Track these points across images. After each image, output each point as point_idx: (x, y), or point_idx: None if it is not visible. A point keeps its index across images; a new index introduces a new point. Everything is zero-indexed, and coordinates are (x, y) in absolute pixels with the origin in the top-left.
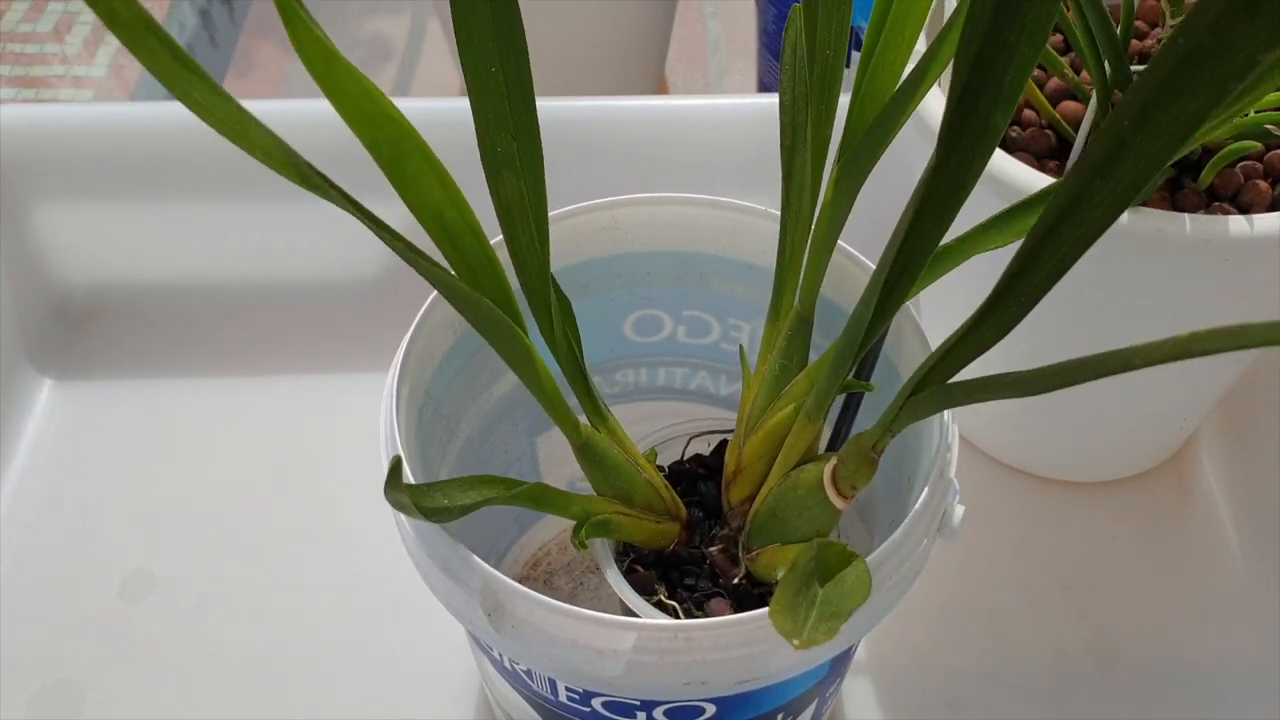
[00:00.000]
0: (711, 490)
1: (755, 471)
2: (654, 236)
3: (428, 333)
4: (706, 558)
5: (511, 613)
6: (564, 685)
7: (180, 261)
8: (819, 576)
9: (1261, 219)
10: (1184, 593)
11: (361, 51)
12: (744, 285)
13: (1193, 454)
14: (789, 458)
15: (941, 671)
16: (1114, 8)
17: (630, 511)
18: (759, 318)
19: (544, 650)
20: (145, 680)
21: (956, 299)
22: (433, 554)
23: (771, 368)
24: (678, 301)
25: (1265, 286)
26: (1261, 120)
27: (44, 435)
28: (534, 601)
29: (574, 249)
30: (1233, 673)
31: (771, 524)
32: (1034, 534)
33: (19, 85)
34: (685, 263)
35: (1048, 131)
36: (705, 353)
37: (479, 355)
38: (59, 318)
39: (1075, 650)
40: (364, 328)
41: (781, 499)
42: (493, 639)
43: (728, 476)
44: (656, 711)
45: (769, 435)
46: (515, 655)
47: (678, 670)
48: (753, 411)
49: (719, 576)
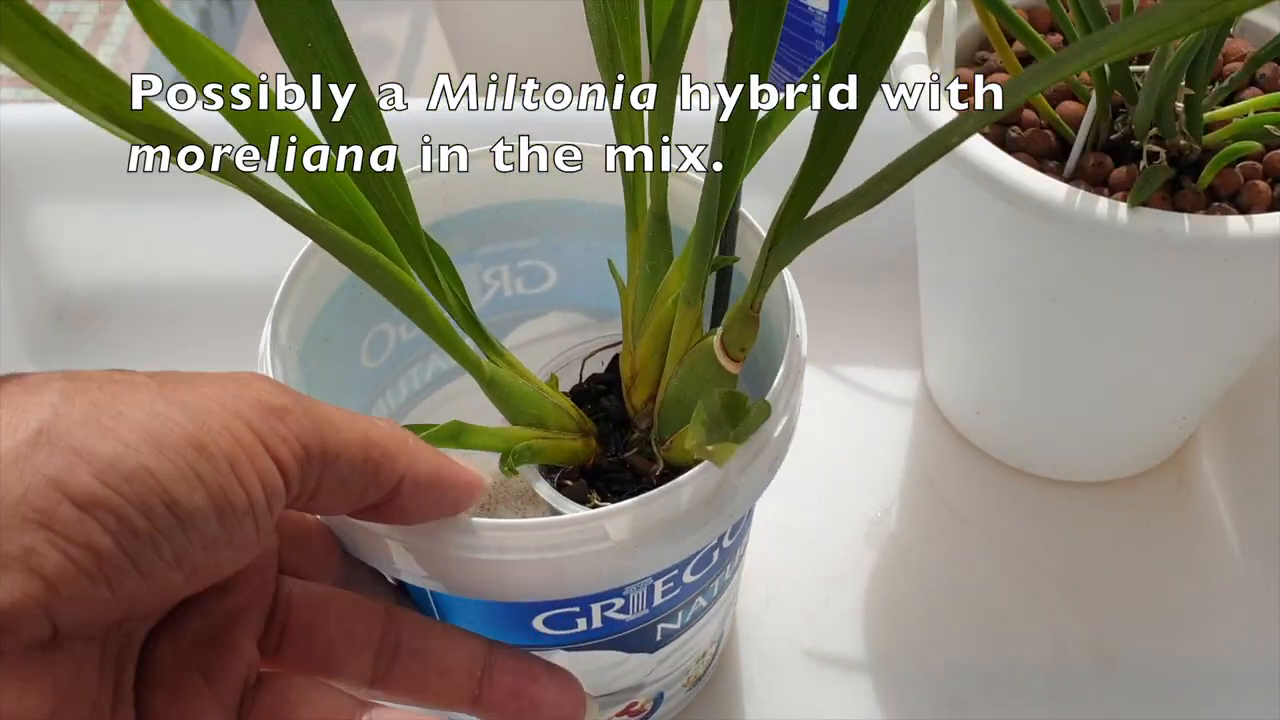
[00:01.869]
0: (615, 402)
1: (650, 371)
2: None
3: (305, 281)
4: (626, 463)
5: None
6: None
7: (180, 262)
8: (728, 416)
9: (1261, 219)
10: (1184, 593)
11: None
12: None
13: (1193, 454)
14: (678, 347)
15: (941, 671)
16: (1113, 8)
17: (548, 434)
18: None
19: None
20: None
21: (957, 296)
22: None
23: (643, 271)
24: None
25: (1265, 286)
26: (1261, 120)
27: None
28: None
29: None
30: (1233, 673)
31: (677, 409)
32: (1034, 534)
33: (19, 85)
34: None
35: (1047, 131)
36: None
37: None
38: (59, 318)
39: (1075, 650)
40: None
41: (682, 382)
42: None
43: (627, 384)
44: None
45: (656, 333)
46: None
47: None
48: (634, 317)
49: (641, 476)
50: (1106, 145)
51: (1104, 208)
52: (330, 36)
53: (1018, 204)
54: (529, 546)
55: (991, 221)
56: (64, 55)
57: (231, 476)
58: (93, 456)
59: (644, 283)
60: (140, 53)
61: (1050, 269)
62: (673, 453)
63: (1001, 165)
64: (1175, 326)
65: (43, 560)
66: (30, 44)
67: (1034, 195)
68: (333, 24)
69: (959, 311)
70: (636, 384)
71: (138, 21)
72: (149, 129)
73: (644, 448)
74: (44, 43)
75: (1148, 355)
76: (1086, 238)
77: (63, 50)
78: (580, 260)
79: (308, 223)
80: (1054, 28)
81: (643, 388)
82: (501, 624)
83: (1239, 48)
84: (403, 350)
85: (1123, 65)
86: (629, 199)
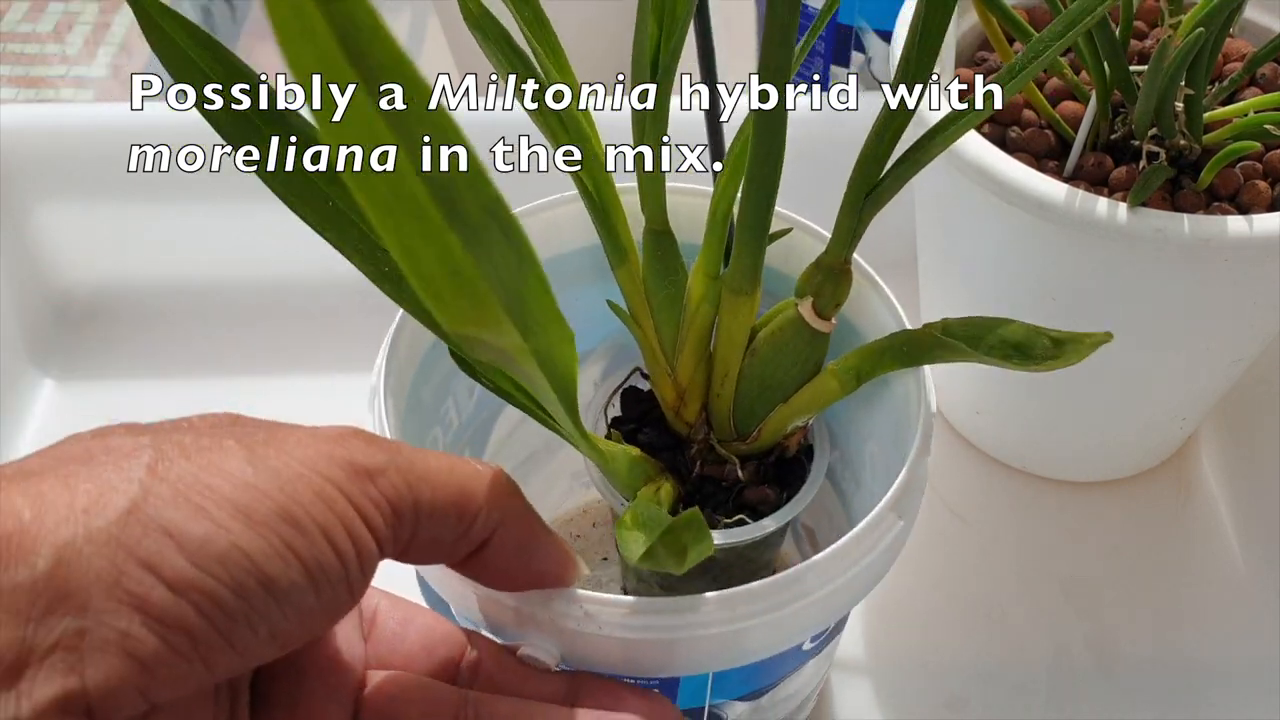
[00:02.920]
0: (652, 433)
1: (698, 382)
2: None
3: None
4: (704, 479)
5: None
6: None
7: (180, 261)
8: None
9: (1261, 219)
10: (1184, 593)
11: None
12: None
13: (1193, 454)
14: (737, 339)
15: (941, 671)
16: (1113, 8)
17: (656, 495)
18: None
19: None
20: None
21: (959, 294)
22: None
23: (661, 295)
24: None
25: (1265, 286)
26: (1261, 120)
27: (44, 435)
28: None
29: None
30: (1233, 672)
31: (761, 395)
32: (1034, 534)
33: (19, 85)
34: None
35: (1047, 131)
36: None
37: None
38: (59, 318)
39: (1075, 650)
40: (364, 327)
41: (767, 363)
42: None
43: (673, 406)
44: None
45: (696, 345)
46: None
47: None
48: (664, 342)
49: (721, 482)
50: (1106, 145)
51: (1104, 208)
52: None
53: (1018, 204)
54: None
55: (991, 221)
56: None
57: (326, 547)
58: (184, 537)
59: (665, 306)
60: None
61: (1050, 269)
62: (761, 440)
63: (1001, 165)
64: (1175, 326)
65: (138, 644)
66: None
67: (1034, 195)
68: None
69: (959, 311)
70: (686, 401)
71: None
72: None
73: (707, 455)
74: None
75: (1148, 355)
76: (1086, 238)
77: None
78: None
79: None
80: None
81: (694, 402)
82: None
83: (1239, 48)
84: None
85: (1122, 65)
86: (607, 234)
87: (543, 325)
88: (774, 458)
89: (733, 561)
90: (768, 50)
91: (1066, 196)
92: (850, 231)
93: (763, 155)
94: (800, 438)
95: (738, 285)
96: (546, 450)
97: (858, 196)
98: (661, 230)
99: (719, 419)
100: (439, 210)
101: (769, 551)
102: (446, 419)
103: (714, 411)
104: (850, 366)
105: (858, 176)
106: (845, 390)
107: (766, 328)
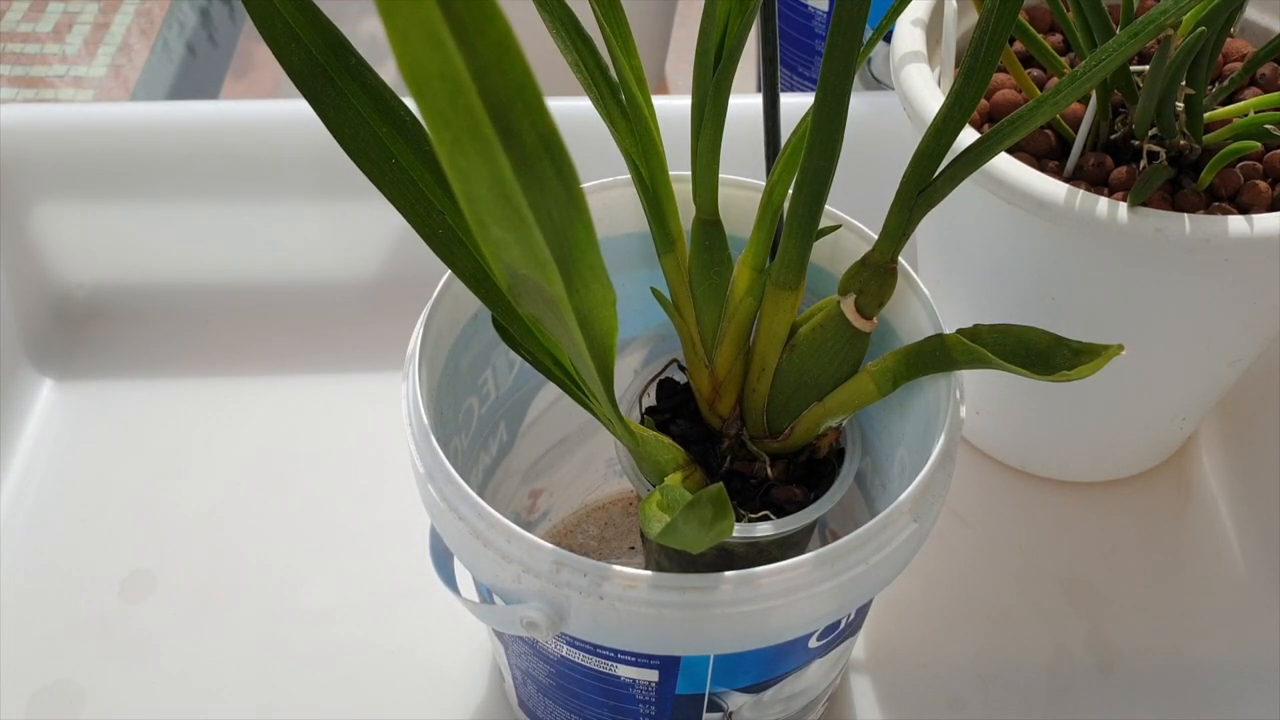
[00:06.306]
0: (684, 425)
1: (735, 375)
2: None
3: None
4: (733, 473)
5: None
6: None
7: (180, 261)
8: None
9: (1261, 219)
10: (1184, 593)
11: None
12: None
13: (1193, 454)
14: (777, 334)
15: (941, 671)
16: (1114, 8)
17: (685, 482)
18: None
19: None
20: (145, 680)
21: (958, 295)
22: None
23: (706, 285)
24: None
25: (1265, 286)
26: (1261, 120)
27: (44, 435)
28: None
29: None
30: (1233, 672)
31: (798, 393)
32: (1034, 534)
33: (19, 85)
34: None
35: (1047, 131)
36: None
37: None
38: (59, 318)
39: (1075, 650)
40: (364, 328)
41: (805, 360)
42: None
43: (707, 398)
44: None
45: (735, 339)
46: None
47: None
48: (704, 333)
49: (750, 478)
50: (1106, 145)
51: (1104, 208)
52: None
53: (1018, 204)
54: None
55: (991, 221)
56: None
57: None
58: None
59: (708, 297)
60: (140, 53)
61: (1050, 269)
62: (793, 439)
63: (1001, 165)
64: (1175, 326)
65: None
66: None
67: (1034, 195)
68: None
69: (959, 311)
70: (721, 394)
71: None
72: None
73: (738, 451)
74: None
75: (1147, 355)
76: (1086, 238)
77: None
78: None
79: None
80: (1054, 28)
81: (729, 395)
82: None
83: (1239, 48)
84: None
85: (1123, 65)
86: (656, 221)
87: (585, 281)
88: (804, 458)
89: (754, 558)
90: (833, 44)
91: (1067, 196)
92: (900, 229)
93: (820, 148)
94: (833, 440)
95: (783, 279)
96: (580, 435)
97: (910, 194)
98: (712, 220)
99: (753, 414)
100: (494, 128)
101: (792, 551)
102: (484, 390)
103: (748, 406)
104: (887, 369)
105: (911, 173)
106: (881, 392)
107: (808, 324)
